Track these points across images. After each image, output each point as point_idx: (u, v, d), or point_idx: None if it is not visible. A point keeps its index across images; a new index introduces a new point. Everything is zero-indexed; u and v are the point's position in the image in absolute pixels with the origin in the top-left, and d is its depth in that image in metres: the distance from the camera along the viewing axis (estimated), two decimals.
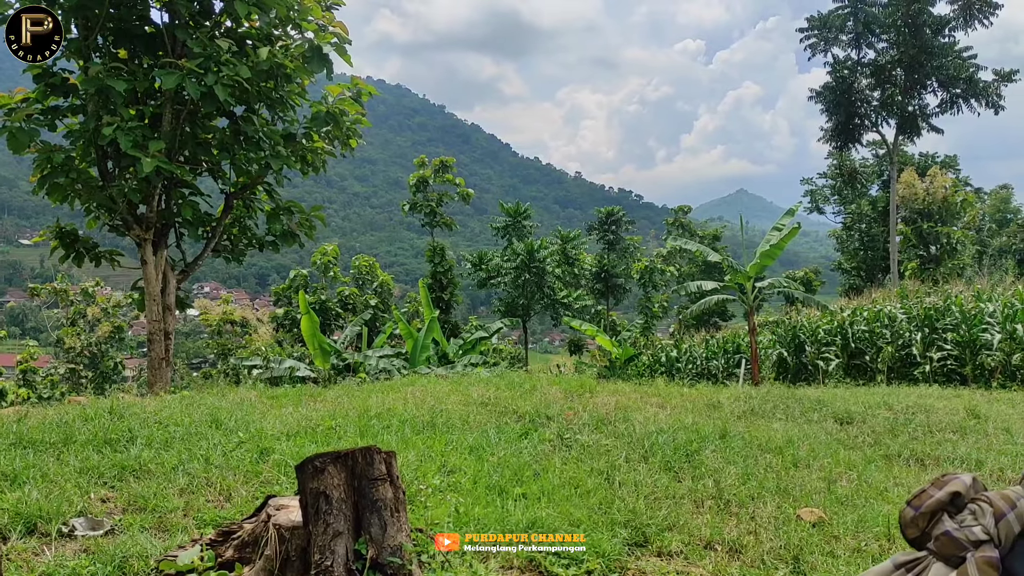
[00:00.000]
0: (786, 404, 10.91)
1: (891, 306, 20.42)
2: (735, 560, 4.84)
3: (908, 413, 10.57)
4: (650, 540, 5.02)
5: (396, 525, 3.43)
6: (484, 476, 6.17)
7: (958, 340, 17.41)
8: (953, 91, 37.50)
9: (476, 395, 10.31)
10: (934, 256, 37.34)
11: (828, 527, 5.40)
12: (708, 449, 7.55)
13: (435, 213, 37.75)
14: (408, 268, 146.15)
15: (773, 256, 19.20)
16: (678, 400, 11.33)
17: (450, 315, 36.35)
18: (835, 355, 19.49)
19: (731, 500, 5.98)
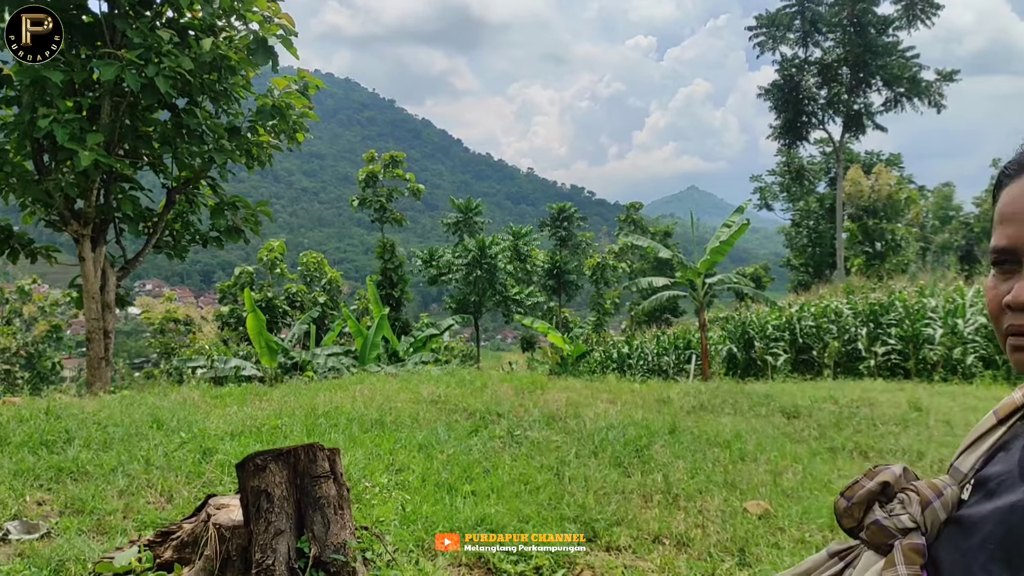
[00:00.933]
0: (735, 399, 11.02)
1: (837, 302, 20.82)
2: (682, 553, 4.85)
3: (853, 406, 10.76)
4: (599, 535, 5.01)
5: (340, 523, 3.35)
6: (433, 474, 6.10)
7: (902, 335, 17.84)
8: (897, 90, 38.45)
9: (426, 393, 10.22)
10: (879, 252, 38.22)
11: (773, 519, 5.44)
12: (657, 444, 7.58)
13: (385, 209, 37.42)
14: (358, 265, 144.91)
15: (723, 252, 19.41)
16: (629, 396, 11.37)
17: (400, 312, 36.10)
18: (783, 350, 19.80)
19: (679, 494, 6.00)
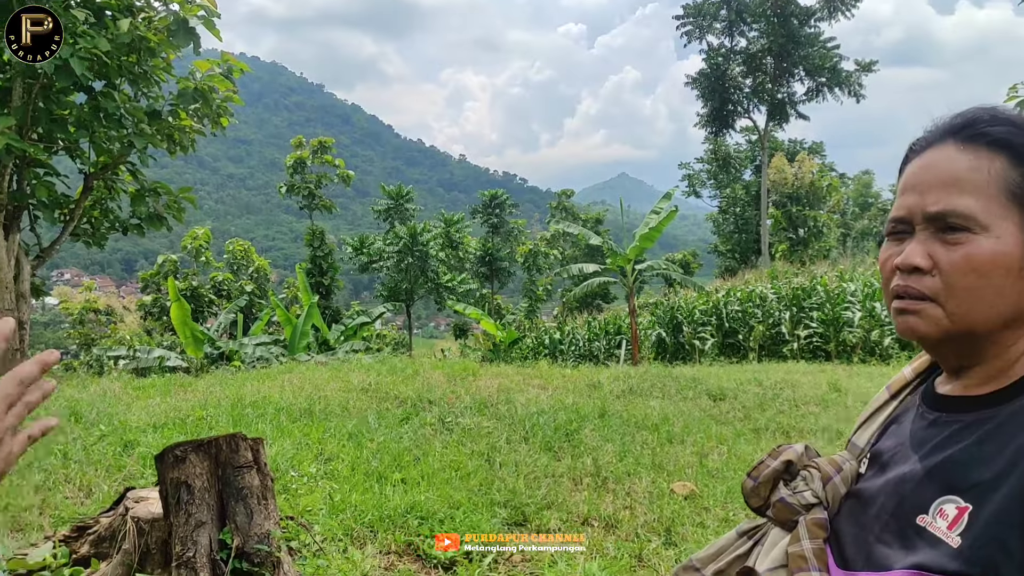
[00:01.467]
0: (663, 383, 11.22)
1: (762, 287, 21.33)
2: (611, 534, 4.92)
3: (776, 388, 11.07)
4: (529, 519, 5.05)
5: (264, 513, 3.29)
6: (363, 462, 6.05)
7: (823, 318, 18.41)
8: (818, 80, 39.49)
9: (356, 381, 10.13)
10: (802, 239, 39.24)
11: (699, 499, 5.57)
12: (587, 428, 7.67)
13: (314, 196, 36.75)
14: (287, 253, 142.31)
15: (652, 239, 19.68)
16: (560, 381, 11.47)
17: (331, 301, 35.59)
18: (711, 334, 20.20)
19: (608, 477, 6.09)
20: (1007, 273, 1.01)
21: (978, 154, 1.04)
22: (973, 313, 1.02)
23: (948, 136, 1.08)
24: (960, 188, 1.03)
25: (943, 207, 1.03)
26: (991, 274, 1.01)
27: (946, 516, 0.99)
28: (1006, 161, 1.03)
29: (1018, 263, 1.01)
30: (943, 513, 0.99)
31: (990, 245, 1.01)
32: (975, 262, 1.01)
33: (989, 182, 1.02)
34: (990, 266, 1.01)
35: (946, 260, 1.02)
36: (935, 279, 1.03)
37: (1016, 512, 0.92)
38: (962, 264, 1.01)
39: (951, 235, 1.03)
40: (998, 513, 0.94)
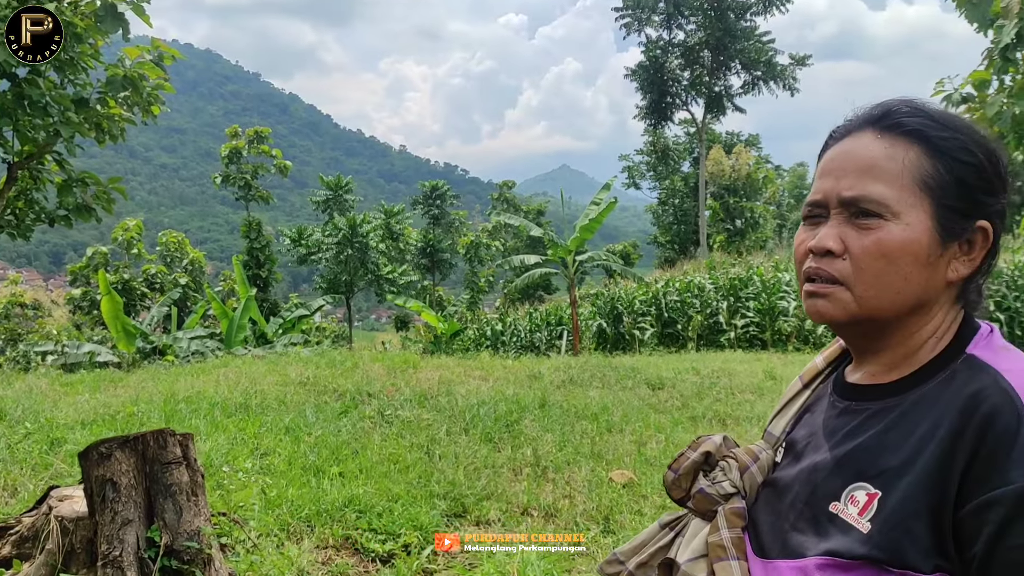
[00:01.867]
0: (603, 373, 11.32)
1: (701, 277, 21.67)
2: (550, 523, 4.95)
3: (713, 377, 11.27)
4: (468, 510, 5.04)
5: (193, 509, 3.21)
6: (300, 457, 5.96)
7: (759, 308, 18.81)
8: (754, 73, 40.22)
9: (294, 375, 9.98)
10: (739, 229, 40.01)
11: (637, 487, 5.63)
12: (528, 419, 7.69)
13: (250, 186, 36.03)
14: (223, 244, 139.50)
15: (592, 230, 19.83)
16: (501, 372, 11.48)
17: (268, 293, 35.01)
18: (650, 324, 20.45)
19: (548, 467, 6.11)
20: (915, 260, 1.03)
21: (894, 143, 1.06)
22: (880, 298, 1.05)
23: (867, 125, 1.10)
24: (874, 175, 1.05)
25: (857, 193, 1.05)
26: (899, 261, 1.03)
27: (857, 503, 1.01)
28: (920, 152, 1.05)
29: (925, 251, 1.04)
30: (854, 500, 1.01)
31: (900, 232, 1.03)
32: (885, 248, 1.03)
33: (903, 171, 1.04)
34: (899, 253, 1.03)
35: (857, 245, 1.04)
36: (846, 263, 1.05)
37: (921, 498, 0.95)
38: (872, 249, 1.03)
39: (863, 220, 1.05)
40: (904, 499, 0.96)
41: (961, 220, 1.05)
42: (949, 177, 1.04)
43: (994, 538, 0.89)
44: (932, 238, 1.04)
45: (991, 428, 0.93)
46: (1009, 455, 0.91)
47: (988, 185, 1.06)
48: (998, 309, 17.01)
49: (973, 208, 1.06)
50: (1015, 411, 0.93)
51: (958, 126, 1.07)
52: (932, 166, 1.04)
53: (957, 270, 1.07)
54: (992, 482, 0.90)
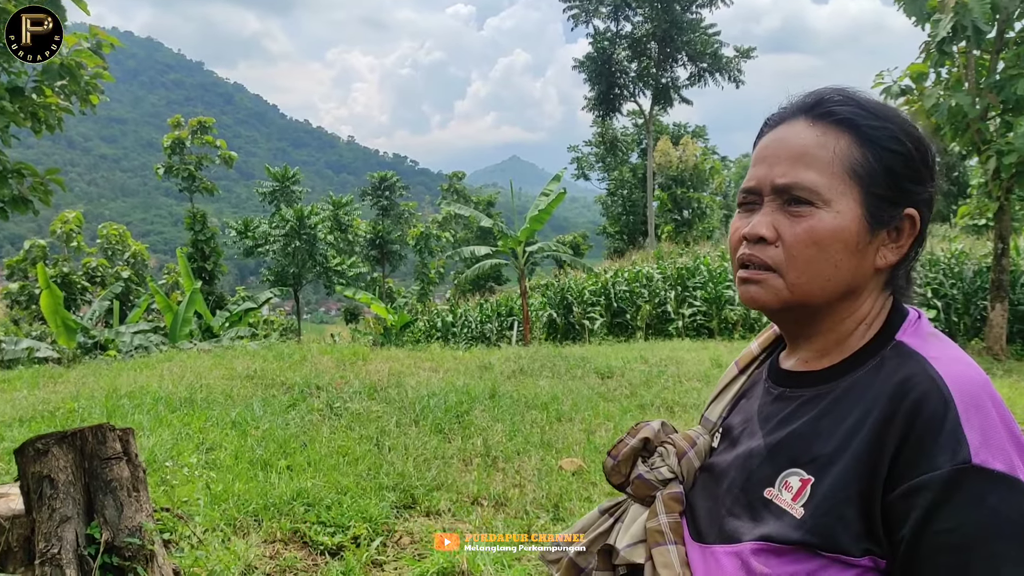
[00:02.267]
0: (553, 362, 11.37)
1: (649, 267, 21.91)
2: (500, 512, 4.96)
3: (661, 365, 11.41)
4: (418, 501, 5.03)
5: (135, 505, 3.14)
6: (247, 451, 5.88)
7: (706, 297, 19.09)
8: (700, 65, 40.58)
9: (241, 368, 9.83)
10: (687, 220, 40.49)
11: (586, 475, 5.68)
12: (478, 409, 7.70)
13: (194, 177, 35.26)
14: (167, 237, 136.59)
15: (542, 221, 19.89)
16: (451, 363, 11.47)
17: (214, 286, 34.38)
18: (600, 314, 20.61)
19: (498, 456, 6.13)
20: (844, 248, 1.05)
21: (826, 132, 1.08)
22: (811, 284, 1.06)
23: (800, 113, 1.12)
24: (806, 163, 1.06)
25: (789, 180, 1.06)
26: (830, 248, 1.05)
27: (791, 488, 1.03)
28: (850, 140, 1.07)
29: (854, 239, 1.05)
30: (788, 485, 1.03)
31: (831, 220, 1.04)
32: (816, 236, 1.04)
33: (833, 159, 1.06)
34: (829, 240, 1.04)
35: (789, 233, 1.06)
36: (778, 250, 1.07)
37: (852, 484, 0.97)
38: (804, 237, 1.05)
39: (796, 208, 1.06)
40: (835, 485, 0.98)
41: (889, 208, 1.07)
42: (878, 166, 1.06)
43: (921, 522, 0.92)
44: (861, 226, 1.06)
45: (919, 415, 0.95)
46: (936, 441, 0.93)
47: (916, 174, 1.08)
48: (935, 296, 17.53)
49: (901, 196, 1.08)
50: (942, 398, 0.95)
51: (888, 115, 1.09)
52: (862, 155, 1.06)
53: (885, 257, 1.09)
54: (920, 468, 0.93)
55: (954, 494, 0.90)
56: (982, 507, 0.90)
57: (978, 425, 0.93)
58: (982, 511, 0.90)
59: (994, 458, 0.92)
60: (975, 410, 0.95)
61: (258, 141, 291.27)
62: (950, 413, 0.94)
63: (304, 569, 4.02)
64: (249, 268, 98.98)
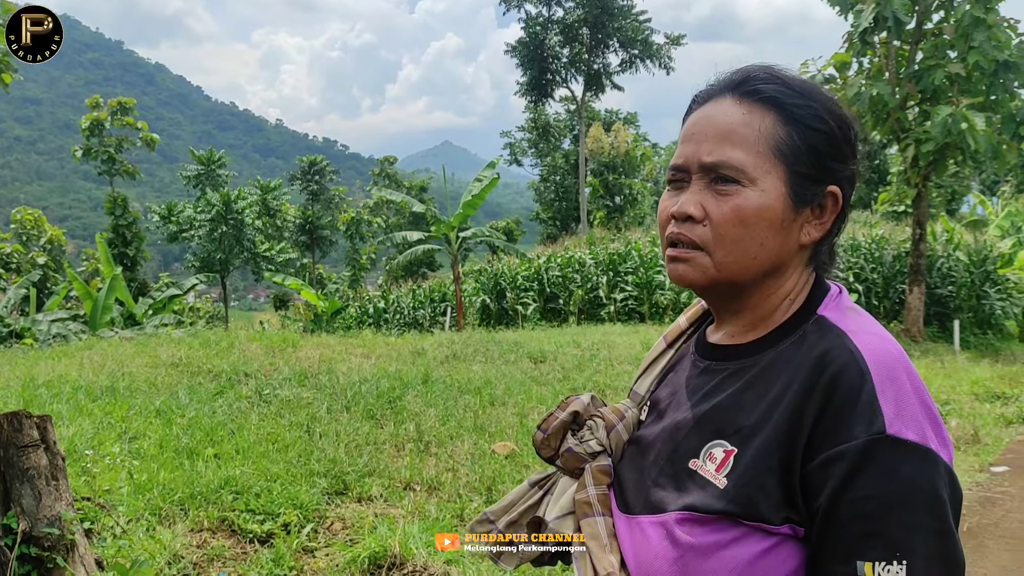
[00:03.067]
0: (486, 347, 11.39)
1: (581, 253, 22.09)
2: (433, 497, 4.95)
3: (594, 349, 11.54)
4: (350, 487, 4.98)
5: (54, 494, 3.03)
6: (172, 439, 5.74)
7: (637, 282, 19.37)
8: (631, 51, 40.92)
9: (166, 356, 9.57)
10: (618, 206, 40.90)
11: (519, 457, 5.71)
12: (410, 395, 7.66)
13: (114, 160, 34.05)
14: (85, 222, 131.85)
15: (475, 206, 19.85)
16: (384, 349, 11.38)
17: (137, 272, 33.35)
18: (533, 299, 20.71)
19: (431, 441, 6.11)
20: (769, 226, 1.06)
21: (751, 110, 1.08)
22: (738, 263, 1.07)
23: (727, 90, 1.12)
24: (733, 141, 1.07)
25: (716, 158, 1.06)
26: (756, 226, 1.05)
27: (715, 459, 1.04)
28: (775, 119, 1.07)
29: (779, 217, 1.06)
30: (712, 456, 1.05)
31: (756, 198, 1.05)
32: (742, 214, 1.05)
33: (759, 138, 1.06)
34: (755, 219, 1.05)
35: (716, 211, 1.06)
36: (706, 229, 1.07)
37: (773, 455, 0.99)
38: (730, 215, 1.05)
39: (722, 186, 1.06)
40: (757, 456, 1.00)
41: (813, 186, 1.08)
42: (802, 144, 1.07)
43: (838, 491, 0.93)
44: (786, 203, 1.06)
45: (837, 387, 0.97)
46: (853, 412, 0.95)
47: (838, 152, 1.09)
48: (856, 280, 18.12)
49: (824, 174, 1.08)
50: (859, 370, 0.97)
51: (812, 93, 1.09)
52: (786, 133, 1.07)
53: (809, 234, 1.10)
54: (837, 438, 0.94)
55: (869, 464, 0.92)
56: (895, 476, 0.92)
57: (893, 397, 0.95)
58: (895, 480, 0.92)
59: (907, 428, 0.94)
60: (890, 382, 0.97)
61: (182, 123, 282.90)
62: (866, 385, 0.96)
63: (232, 557, 3.95)
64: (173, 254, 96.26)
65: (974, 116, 13.62)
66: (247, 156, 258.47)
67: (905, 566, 0.91)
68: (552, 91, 42.37)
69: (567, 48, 40.79)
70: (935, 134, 13.93)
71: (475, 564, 3.80)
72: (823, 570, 0.96)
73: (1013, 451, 8.08)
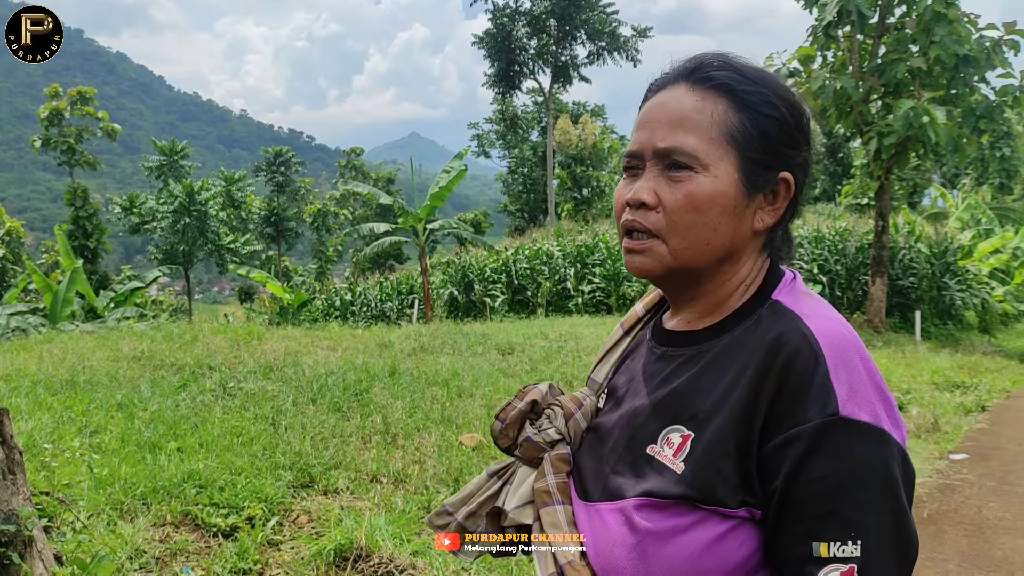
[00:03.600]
0: (454, 339, 11.37)
1: (549, 245, 22.13)
2: (400, 489, 4.93)
3: (561, 341, 11.56)
4: (316, 480, 4.94)
5: (10, 489, 2.96)
6: (134, 433, 5.65)
7: (604, 274, 19.45)
8: (599, 44, 40.96)
9: (127, 349, 9.42)
10: (586, 198, 40.99)
11: (486, 449, 5.70)
12: (377, 387, 7.62)
13: (74, 151, 33.38)
14: (45, 214, 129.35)
15: (443, 198, 19.79)
16: (350, 342, 11.30)
17: (97, 265, 32.77)
18: (501, 292, 20.71)
19: (398, 433, 6.08)
20: (722, 212, 1.06)
21: (704, 97, 1.09)
22: (692, 249, 1.08)
23: (681, 78, 1.12)
24: (686, 128, 1.07)
25: (669, 144, 1.07)
26: (709, 212, 1.06)
27: (672, 444, 1.05)
28: (727, 105, 1.08)
29: (732, 203, 1.07)
30: (669, 442, 1.06)
31: (709, 185, 1.06)
32: (695, 200, 1.06)
33: (712, 124, 1.07)
34: (708, 205, 1.06)
35: (670, 198, 1.07)
36: (660, 216, 1.08)
37: (729, 438, 1.00)
38: (683, 202, 1.06)
39: (675, 173, 1.07)
40: (713, 440, 1.01)
41: (765, 172, 1.09)
42: (754, 130, 1.08)
43: (793, 472, 0.95)
44: (738, 189, 1.07)
45: (791, 369, 0.98)
46: (808, 394, 0.96)
47: (790, 138, 1.10)
48: (821, 272, 18.36)
49: (776, 160, 1.09)
50: (813, 353, 0.98)
51: (764, 80, 1.11)
52: (738, 120, 1.07)
53: (763, 220, 1.11)
54: (792, 420, 0.96)
55: (823, 445, 0.94)
56: (849, 457, 0.94)
57: (846, 379, 0.97)
58: (849, 461, 0.94)
59: (861, 410, 0.96)
60: (843, 364, 0.98)
61: (144, 113, 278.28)
62: (820, 368, 0.97)
63: (196, 552, 3.89)
64: (135, 246, 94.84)
65: (935, 110, 13.85)
66: (211, 147, 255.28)
67: (860, 545, 0.93)
68: (520, 83, 42.31)
69: (534, 40, 40.73)
70: (897, 127, 14.14)
71: (441, 556, 3.79)
72: (780, 551, 0.97)
73: (972, 439, 8.24)
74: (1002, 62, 14.65)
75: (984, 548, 4.93)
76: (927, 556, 4.76)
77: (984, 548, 4.93)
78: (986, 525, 5.38)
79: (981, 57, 14.55)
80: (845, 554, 0.93)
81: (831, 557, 0.93)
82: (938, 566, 4.60)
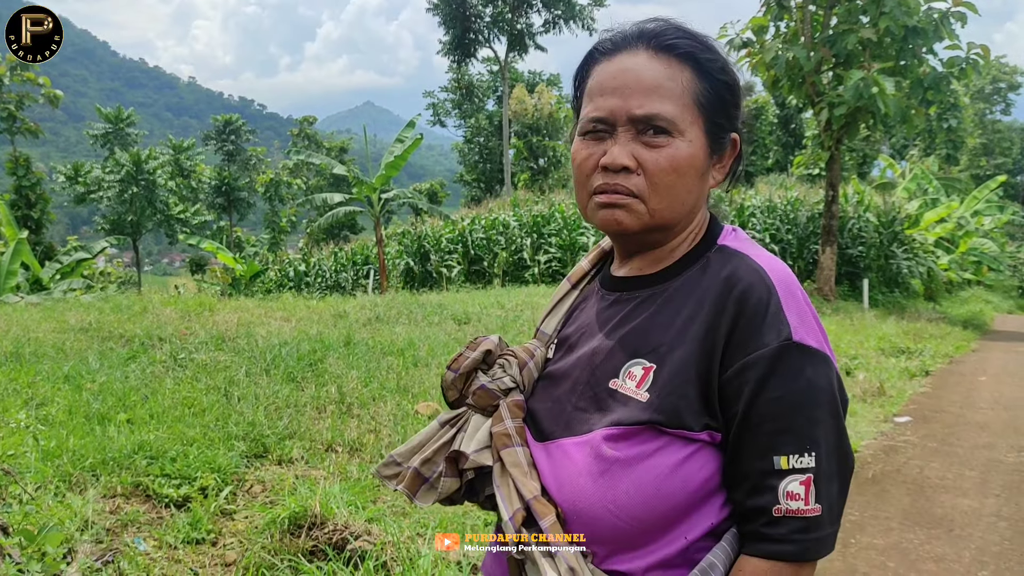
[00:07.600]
0: (410, 310, 11.33)
1: (506, 215, 22.10)
2: (355, 458, 4.93)
3: (517, 310, 11.61)
4: (270, 450, 4.90)
5: None
6: (83, 405, 5.54)
7: (561, 244, 19.51)
8: (554, 12, 40.62)
9: (74, 321, 9.21)
10: (542, 168, 40.95)
11: (431, 417, 5.71)
12: (332, 357, 7.56)
13: (15, 118, 32.26)
14: None
15: (397, 167, 19.60)
16: (304, 313, 11.20)
17: (42, 236, 31.87)
18: (457, 262, 20.66)
19: (353, 403, 6.06)
20: (696, 172, 1.16)
21: (671, 64, 1.16)
22: (670, 209, 1.16)
23: (639, 43, 1.18)
24: (661, 95, 1.14)
25: (648, 111, 1.13)
26: (687, 174, 1.15)
27: (634, 377, 1.13)
28: (692, 73, 1.16)
29: (703, 164, 1.17)
30: (631, 375, 1.13)
31: (687, 148, 1.14)
32: (676, 163, 1.13)
33: (683, 91, 1.15)
34: (686, 167, 1.14)
35: (651, 161, 1.13)
36: (640, 178, 1.14)
37: (691, 367, 1.09)
38: (665, 165, 1.13)
39: (655, 138, 1.13)
40: (676, 369, 1.09)
41: (723, 134, 1.20)
42: (714, 96, 1.17)
43: (754, 394, 1.05)
44: (706, 152, 1.17)
45: (747, 301, 1.08)
46: (764, 322, 1.06)
47: (737, 99, 1.21)
48: (772, 241, 18.62)
49: (729, 122, 1.20)
50: (765, 285, 1.09)
51: (715, 47, 1.20)
52: (703, 86, 1.16)
53: (715, 177, 1.22)
54: (750, 347, 1.06)
55: (779, 367, 1.04)
56: (801, 377, 1.04)
57: (795, 309, 1.08)
58: (802, 381, 1.04)
59: (808, 336, 1.07)
60: (791, 297, 1.09)
61: (87, 80, 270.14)
62: (773, 299, 1.08)
63: (148, 522, 3.85)
64: (81, 217, 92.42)
65: (884, 80, 14.05)
66: (158, 115, 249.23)
67: (814, 456, 1.03)
68: (475, 51, 41.87)
69: (489, 7, 40.28)
70: (847, 98, 14.32)
71: (396, 521, 3.80)
72: (742, 467, 1.06)
73: (916, 403, 8.49)
74: (949, 33, 14.90)
75: (925, 506, 5.10)
76: (871, 514, 4.91)
77: (925, 506, 5.10)
78: (927, 484, 5.57)
79: (929, 28, 14.77)
80: (803, 465, 1.03)
81: (791, 468, 1.03)
82: (881, 523, 4.75)
